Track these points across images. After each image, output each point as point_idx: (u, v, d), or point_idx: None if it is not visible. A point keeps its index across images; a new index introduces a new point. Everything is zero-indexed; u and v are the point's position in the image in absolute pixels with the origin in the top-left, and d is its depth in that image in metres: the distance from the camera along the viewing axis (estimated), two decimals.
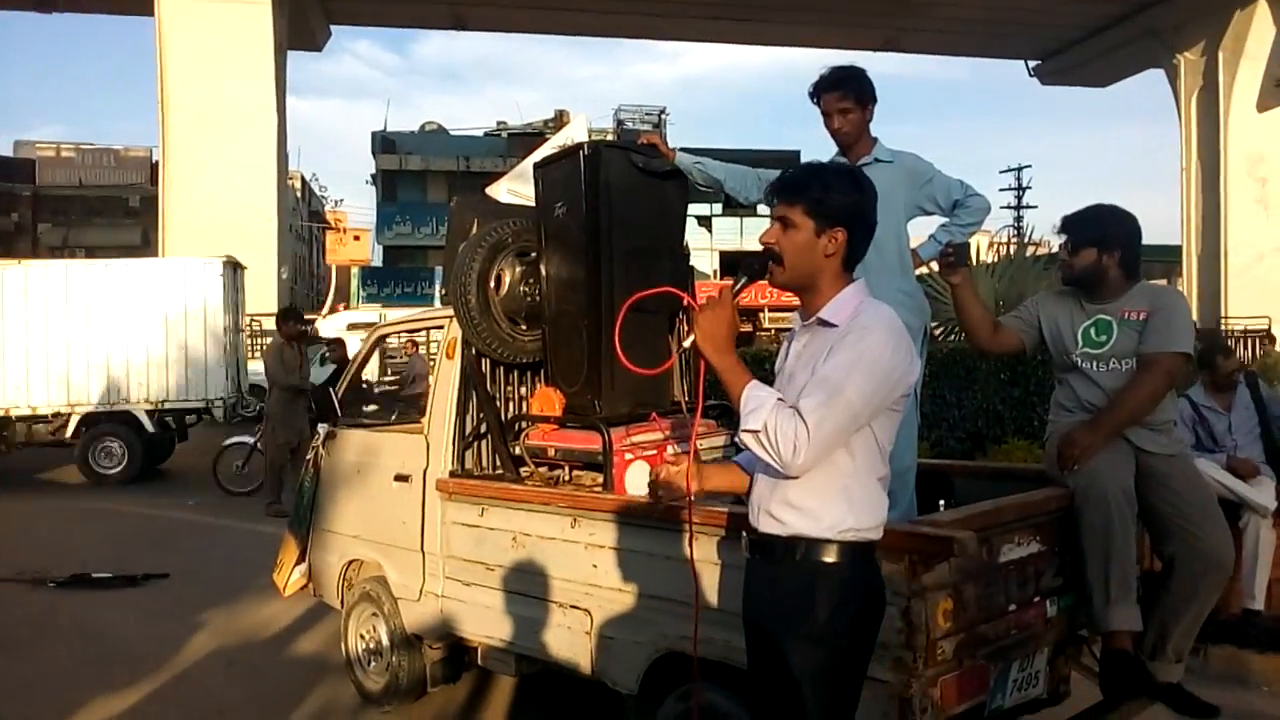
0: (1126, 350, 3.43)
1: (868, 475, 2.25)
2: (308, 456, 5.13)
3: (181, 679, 5.15)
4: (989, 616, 2.96)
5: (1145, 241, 3.65)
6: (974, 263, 11.73)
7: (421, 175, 38.86)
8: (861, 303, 2.27)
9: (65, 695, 4.81)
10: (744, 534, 2.41)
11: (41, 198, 43.11)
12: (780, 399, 2.18)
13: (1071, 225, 3.58)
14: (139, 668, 5.24)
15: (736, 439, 2.24)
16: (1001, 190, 45.90)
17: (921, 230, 4.29)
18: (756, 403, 2.16)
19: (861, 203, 2.29)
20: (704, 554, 3.14)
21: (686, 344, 2.31)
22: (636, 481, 3.80)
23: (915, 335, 3.78)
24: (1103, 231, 3.50)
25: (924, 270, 4.72)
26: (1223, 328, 21.24)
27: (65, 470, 13.11)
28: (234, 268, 13.84)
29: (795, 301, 2.40)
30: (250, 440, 11.05)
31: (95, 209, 42.70)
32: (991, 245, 14.56)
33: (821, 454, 2.13)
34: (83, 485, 12.07)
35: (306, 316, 13.26)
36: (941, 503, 3.76)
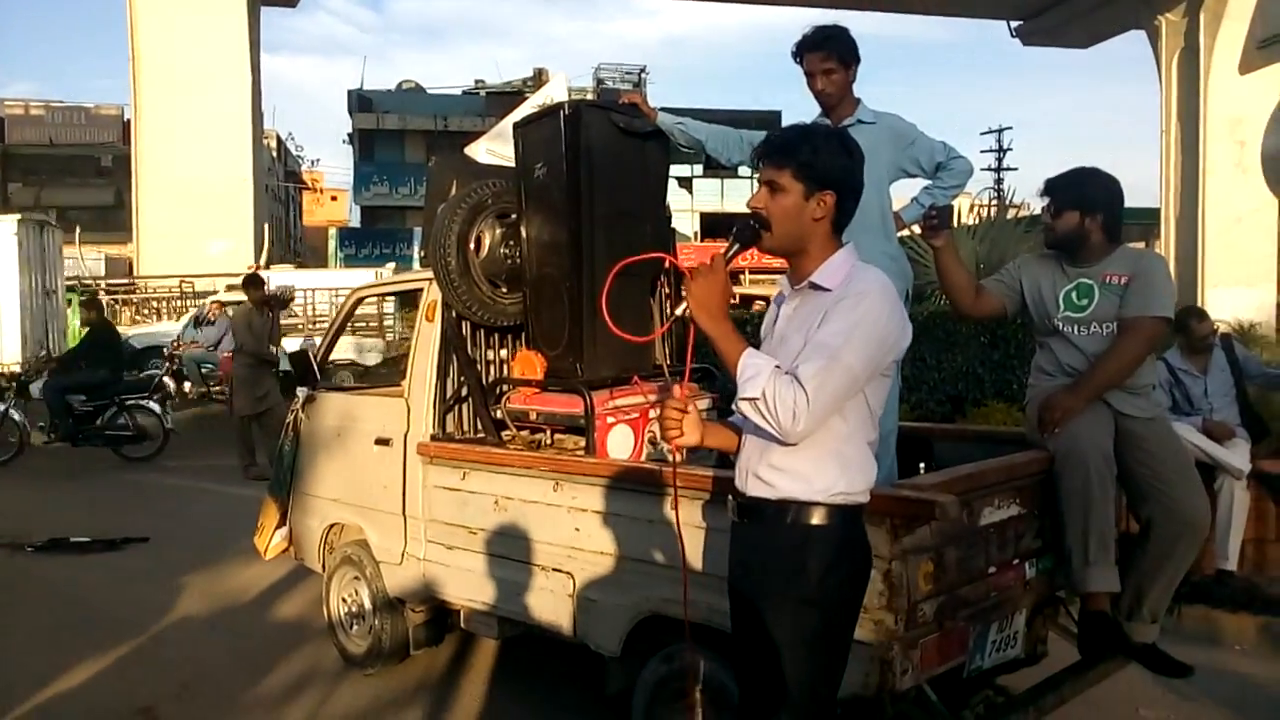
0: (1107, 314, 3.45)
1: (860, 439, 2.25)
2: (287, 420, 5.10)
3: (163, 642, 5.14)
4: (969, 579, 2.99)
5: (1124, 204, 3.65)
6: (956, 225, 11.77)
7: (399, 134, 38.45)
8: (853, 266, 2.26)
9: (45, 659, 4.80)
10: (730, 498, 2.40)
11: (11, 156, 42.26)
12: (777, 366, 2.15)
13: (1055, 188, 3.57)
14: (120, 631, 5.23)
15: (734, 406, 2.22)
16: (982, 152, 45.83)
17: (903, 192, 4.26)
18: (754, 370, 2.14)
19: (850, 166, 2.28)
20: (688, 517, 3.15)
21: (680, 311, 2.28)
22: (618, 445, 3.80)
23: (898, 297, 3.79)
24: (1085, 194, 3.50)
25: (906, 233, 4.71)
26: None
27: (38, 434, 12.99)
28: (39, 227, 13.46)
29: (777, 264, 2.39)
30: None
31: (67, 168, 41.93)
32: (972, 208, 14.53)
33: (821, 420, 2.12)
34: (58, 449, 11.95)
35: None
36: (922, 466, 3.77)
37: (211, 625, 5.39)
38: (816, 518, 2.20)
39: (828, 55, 3.72)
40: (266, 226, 25.84)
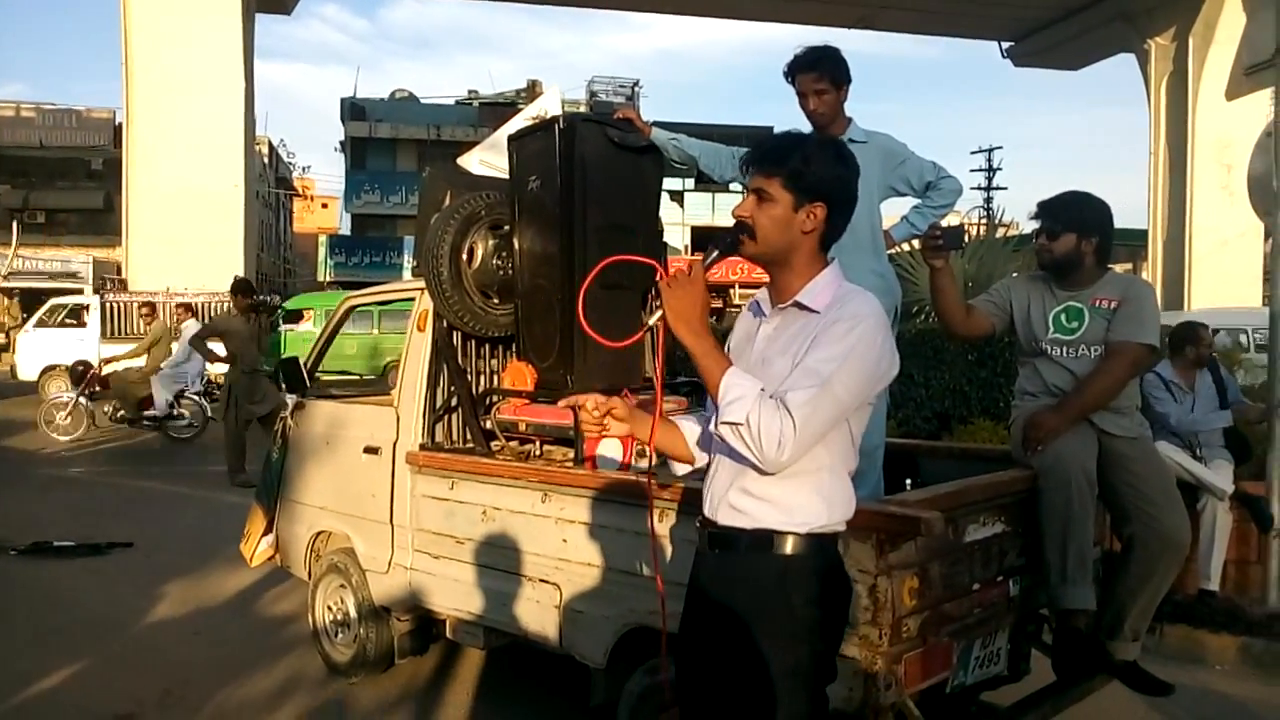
0: (1096, 337, 3.48)
1: (842, 468, 2.16)
2: (276, 427, 5.10)
3: (146, 648, 5.12)
4: (953, 595, 3.01)
5: (1114, 228, 3.69)
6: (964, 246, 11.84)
7: (391, 143, 38.47)
8: (840, 288, 2.14)
9: (27, 663, 4.77)
10: (699, 526, 2.27)
11: (1, 158, 42.14)
12: (763, 389, 2.02)
13: (1052, 210, 3.58)
14: (103, 636, 5.21)
15: (712, 430, 2.11)
16: (972, 171, 46.06)
17: (893, 211, 4.30)
18: (739, 392, 2.01)
19: (844, 177, 2.16)
20: (670, 529, 3.17)
21: (653, 320, 2.16)
22: (608, 458, 3.82)
23: (886, 315, 3.82)
24: (1083, 217, 3.53)
25: (894, 250, 4.76)
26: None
27: (24, 437, 12.95)
28: None
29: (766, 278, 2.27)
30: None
31: (57, 171, 41.77)
32: (962, 225, 14.66)
33: (805, 450, 2.01)
34: (44, 452, 11.91)
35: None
36: (908, 482, 3.81)
37: (195, 631, 5.37)
38: (795, 549, 2.10)
39: (820, 76, 3.75)
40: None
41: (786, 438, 1.97)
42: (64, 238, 39.26)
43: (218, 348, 9.68)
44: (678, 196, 37.47)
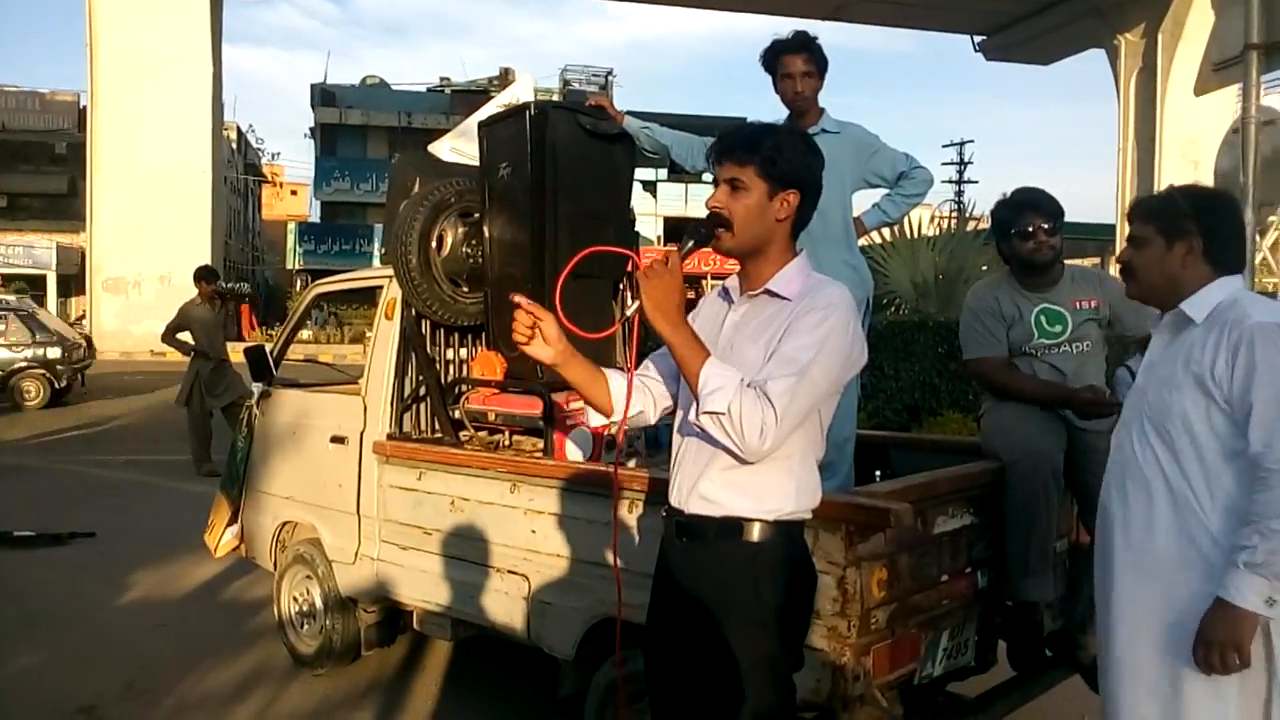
0: (1084, 336, 3.48)
1: (811, 456, 2.18)
2: (241, 416, 5.03)
3: (108, 640, 5.04)
4: (922, 586, 3.01)
5: (1081, 219, 3.68)
6: (916, 236, 11.89)
7: (362, 130, 38.17)
8: (809, 276, 2.16)
9: None
10: (665, 514, 2.27)
11: None
12: (742, 379, 2.02)
13: (1045, 206, 3.48)
14: (64, 628, 5.13)
15: (691, 420, 2.08)
16: (944, 164, 46.44)
17: (864, 203, 4.30)
18: (719, 382, 2.00)
19: (813, 165, 2.18)
20: (638, 519, 3.15)
21: (630, 312, 2.15)
22: (577, 447, 3.79)
23: (858, 306, 3.80)
24: (1060, 215, 3.52)
25: (865, 241, 4.76)
26: None
27: None
28: None
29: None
30: None
31: (19, 154, 41.02)
32: (933, 219, 14.72)
33: (784, 438, 2.02)
34: (7, 441, 11.72)
35: None
36: (878, 473, 3.82)
37: (159, 623, 5.29)
38: (762, 535, 2.11)
39: (809, 58, 3.75)
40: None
41: (768, 426, 1.97)
42: (27, 223, 38.56)
43: (186, 338, 9.54)
44: (650, 187, 37.45)
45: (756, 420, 1.97)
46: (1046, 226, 3.45)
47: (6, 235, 36.49)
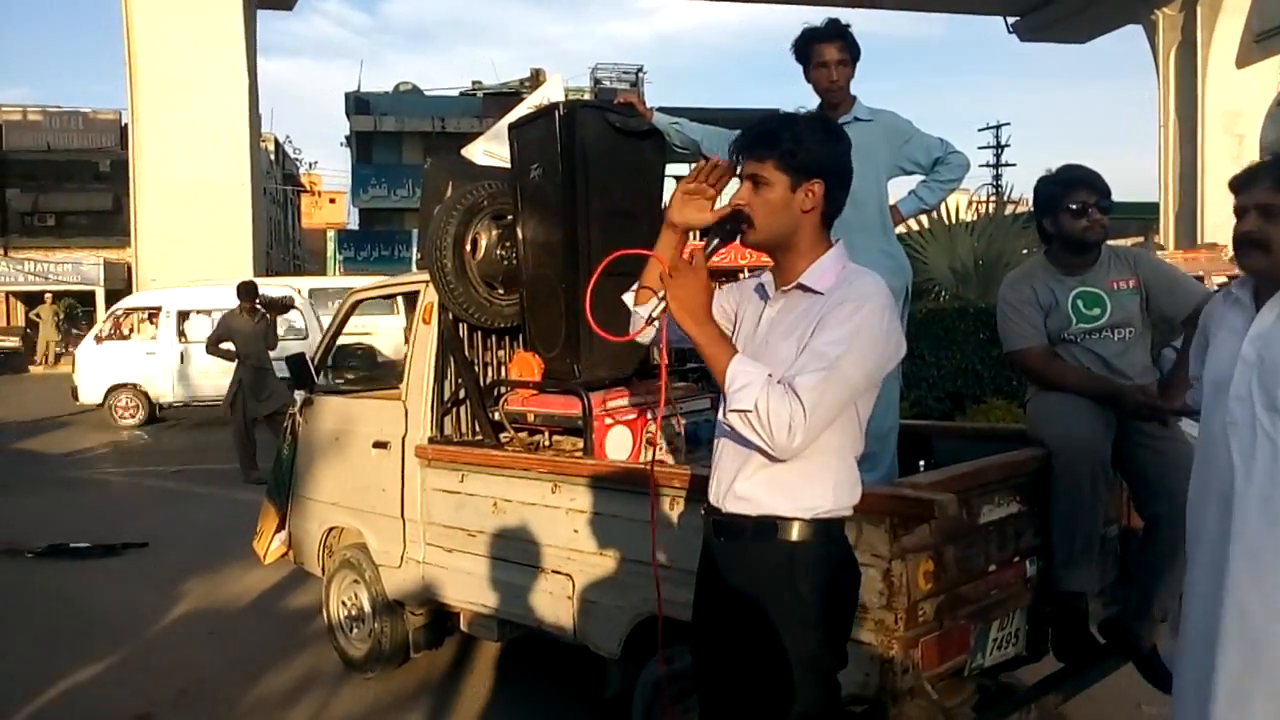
0: (1122, 320, 3.38)
1: (849, 452, 2.14)
2: (285, 424, 5.09)
3: (161, 648, 5.13)
4: (969, 577, 2.97)
5: (1124, 199, 3.60)
6: (954, 221, 11.74)
7: (396, 136, 38.40)
8: (845, 268, 2.11)
9: (43, 665, 4.79)
10: (704, 513, 2.26)
11: (8, 163, 42.23)
12: (770, 375, 2.00)
13: (1097, 183, 3.37)
14: (118, 637, 5.22)
15: (721, 419, 2.09)
16: (980, 148, 45.88)
17: (899, 191, 4.26)
18: (746, 379, 1.98)
19: (837, 150, 2.13)
20: (679, 516, 3.14)
21: (655, 311, 2.16)
22: (616, 446, 3.79)
23: (897, 296, 3.76)
24: (1109, 192, 3.43)
25: (902, 228, 4.69)
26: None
27: (43, 439, 13.03)
28: None
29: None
30: None
31: (65, 173, 41.84)
32: (971, 204, 14.51)
33: (816, 435, 1.99)
34: (62, 455, 11.96)
35: None
36: (921, 463, 3.77)
37: (210, 630, 5.38)
38: (800, 534, 2.08)
39: (843, 46, 3.71)
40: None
41: (797, 423, 1.94)
42: (74, 240, 39.38)
43: (228, 348, 9.72)
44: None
45: (784, 417, 1.94)
46: (1098, 203, 3.36)
47: (55, 253, 37.29)
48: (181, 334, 14.46)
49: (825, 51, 3.72)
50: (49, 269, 34.51)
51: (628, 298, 2.43)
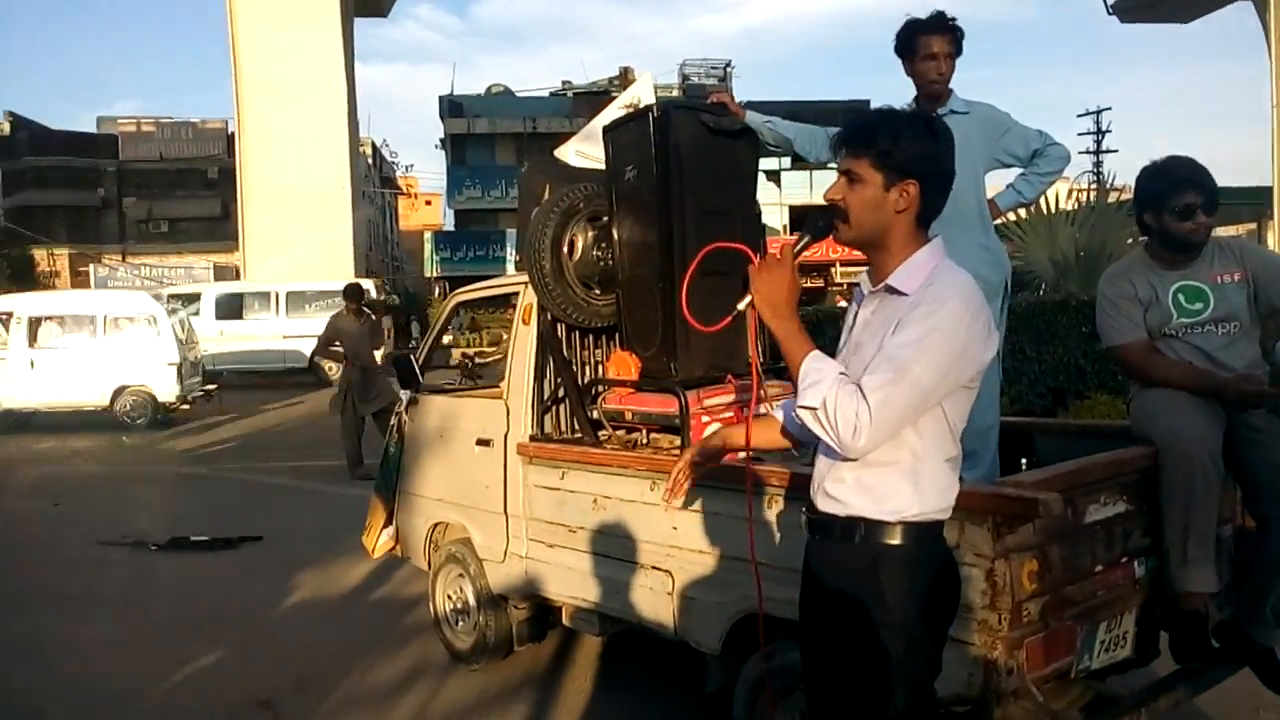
0: (1225, 314, 3.28)
1: (937, 455, 2.09)
2: (392, 422, 5.26)
3: (277, 638, 5.36)
4: (1075, 578, 2.92)
5: (1233, 184, 3.48)
6: (1055, 211, 11.44)
7: (489, 138, 39.03)
8: (936, 267, 2.08)
9: (169, 653, 5.04)
10: (803, 511, 2.28)
11: (125, 172, 44.37)
12: (843, 373, 2.01)
13: (1203, 182, 3.26)
14: (238, 627, 5.47)
15: (794, 413, 2.11)
16: (1079, 135, 44.46)
17: (997, 183, 4.19)
18: (816, 375, 1.99)
19: (936, 151, 2.09)
20: (778, 515, 3.16)
21: (741, 306, 2.17)
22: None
23: (995, 292, 3.72)
24: (1216, 190, 3.33)
25: (1000, 221, 4.61)
26: None
27: (162, 436, 13.65)
28: None
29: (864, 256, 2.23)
30: None
31: (176, 182, 43.81)
32: (1070, 193, 14.09)
33: (885, 437, 1.98)
34: (180, 451, 12.52)
35: None
36: (1024, 461, 3.71)
37: (323, 621, 5.60)
38: (887, 538, 2.06)
39: (951, 39, 3.66)
40: None
41: (862, 423, 1.94)
42: (186, 245, 41.15)
43: (337, 349, 10.06)
44: (774, 176, 37.05)
45: (850, 417, 1.94)
46: (1204, 204, 3.26)
47: (168, 258, 39.03)
48: (34, 340, 14.48)
49: (934, 44, 3.66)
50: (163, 273, 36.07)
51: None
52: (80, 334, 14.61)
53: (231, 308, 21.23)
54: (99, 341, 14.50)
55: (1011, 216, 9.91)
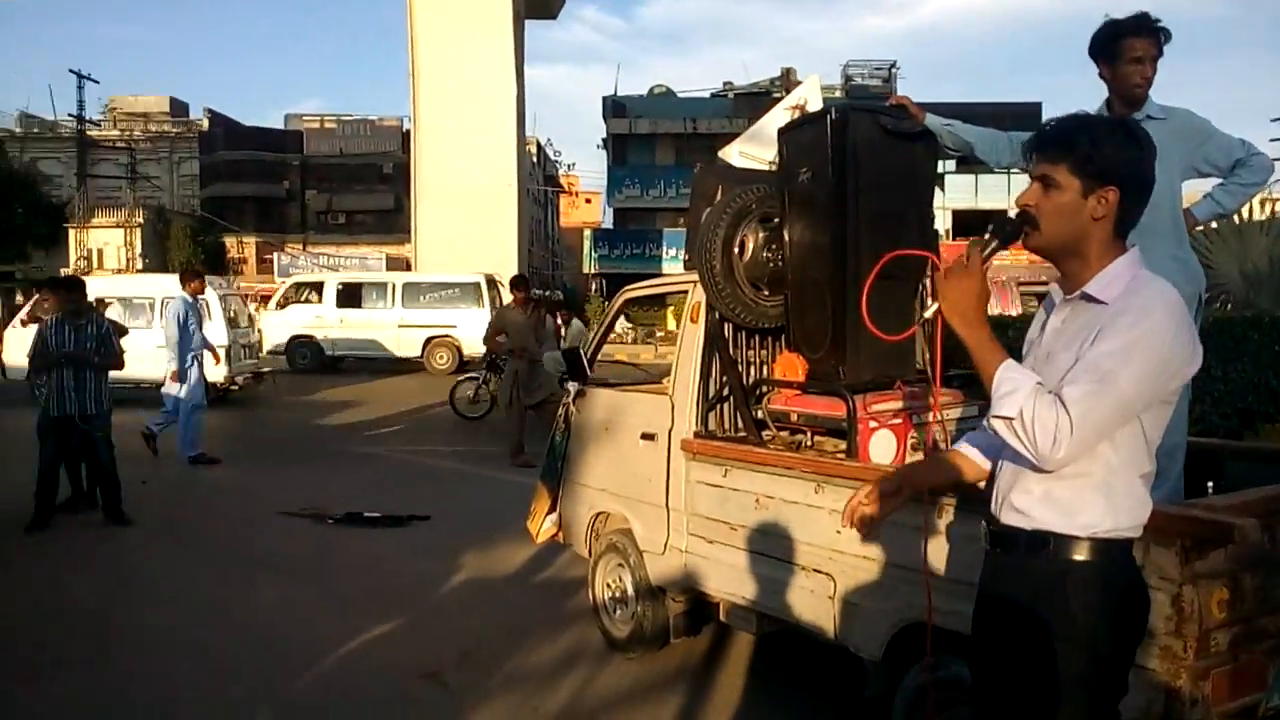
0: None
1: (1132, 471, 2.04)
2: (559, 413, 5.42)
3: (443, 613, 5.61)
4: (1270, 609, 2.77)
5: None
6: (1244, 221, 10.73)
7: (650, 138, 39.46)
8: (1135, 277, 2.01)
9: (343, 622, 5.35)
10: (984, 524, 2.23)
11: (308, 166, 47.12)
12: (1039, 383, 1.96)
13: None
14: (407, 601, 5.75)
15: (986, 424, 2.08)
16: (1272, 140, 41.38)
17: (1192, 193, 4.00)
18: (1012, 385, 1.95)
19: (1138, 158, 2.03)
20: (948, 526, 3.11)
21: (928, 313, 2.15)
22: (881, 450, 3.80)
23: (1190, 303, 3.54)
24: None
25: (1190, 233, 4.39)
26: None
27: (336, 415, 14.41)
28: None
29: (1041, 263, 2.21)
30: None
31: (354, 176, 46.21)
32: (1264, 202, 13.17)
33: (1084, 449, 1.94)
34: (354, 432, 13.19)
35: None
36: (1210, 484, 3.54)
37: (487, 600, 5.82)
38: (1076, 553, 2.01)
39: (1156, 41, 3.49)
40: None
41: (1063, 434, 1.90)
42: (361, 236, 43.32)
43: (503, 340, 10.39)
44: (939, 180, 36.12)
45: (1050, 427, 1.90)
46: None
47: (344, 248, 41.17)
48: None
49: (1138, 46, 3.49)
50: (339, 262, 38.07)
51: None
52: (139, 318, 14.84)
53: (351, 297, 22.18)
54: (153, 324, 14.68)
55: (1200, 229, 9.38)
